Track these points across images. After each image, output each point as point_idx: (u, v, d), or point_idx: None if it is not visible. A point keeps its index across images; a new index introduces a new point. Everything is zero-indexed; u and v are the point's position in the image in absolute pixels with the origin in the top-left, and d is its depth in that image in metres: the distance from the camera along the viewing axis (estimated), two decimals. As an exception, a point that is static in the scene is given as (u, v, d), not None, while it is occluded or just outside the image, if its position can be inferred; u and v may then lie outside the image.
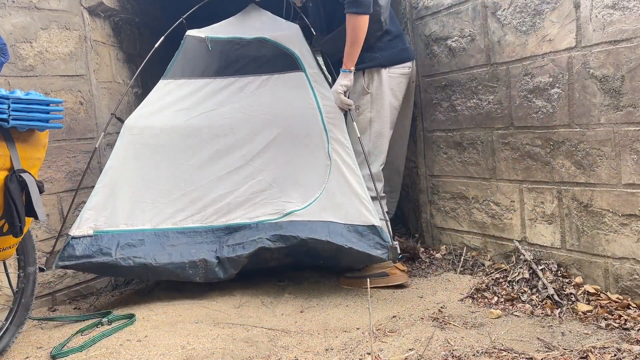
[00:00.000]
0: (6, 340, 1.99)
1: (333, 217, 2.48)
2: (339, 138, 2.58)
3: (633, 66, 1.97)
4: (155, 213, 2.58)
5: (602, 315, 1.99)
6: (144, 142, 2.63)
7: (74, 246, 2.42)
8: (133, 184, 2.58)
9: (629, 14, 1.96)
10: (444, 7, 2.71)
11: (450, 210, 2.88)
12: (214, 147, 2.68)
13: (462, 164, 2.77)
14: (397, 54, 2.69)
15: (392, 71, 2.67)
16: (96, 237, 2.48)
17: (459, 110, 2.72)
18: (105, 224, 2.51)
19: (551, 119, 2.28)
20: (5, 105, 1.70)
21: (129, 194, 2.57)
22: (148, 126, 2.66)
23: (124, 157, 2.59)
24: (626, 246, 2.08)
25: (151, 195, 2.60)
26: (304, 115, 2.66)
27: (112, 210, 2.54)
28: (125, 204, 2.56)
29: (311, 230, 2.45)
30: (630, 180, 2.04)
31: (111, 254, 2.43)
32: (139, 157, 2.62)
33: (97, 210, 2.52)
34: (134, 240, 2.50)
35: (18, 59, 2.45)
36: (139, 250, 2.47)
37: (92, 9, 2.76)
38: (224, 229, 2.60)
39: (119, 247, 2.46)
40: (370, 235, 2.39)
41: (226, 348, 1.94)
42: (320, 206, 2.53)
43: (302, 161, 2.62)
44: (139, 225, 2.55)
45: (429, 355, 1.78)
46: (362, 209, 2.45)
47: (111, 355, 1.93)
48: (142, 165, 2.61)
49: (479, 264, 2.66)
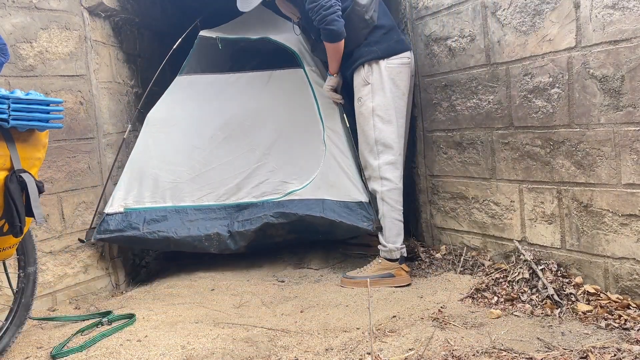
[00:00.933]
0: (6, 340, 1.99)
1: (326, 195, 2.83)
2: (333, 127, 2.94)
3: (633, 66, 1.97)
4: (175, 192, 2.95)
5: (602, 315, 1.99)
6: (163, 131, 3.00)
7: (108, 222, 2.78)
8: (155, 167, 2.95)
9: (629, 14, 1.96)
10: (444, 7, 2.71)
11: (450, 210, 2.88)
12: (225, 134, 3.02)
13: (462, 164, 2.77)
14: (393, 45, 2.74)
15: (391, 62, 2.72)
16: (126, 213, 2.85)
17: (459, 110, 2.72)
18: (133, 202, 2.89)
19: (551, 119, 2.28)
20: (5, 105, 1.70)
21: (152, 176, 2.94)
22: (166, 117, 3.02)
23: (146, 144, 2.97)
24: (626, 246, 2.08)
25: (171, 176, 2.96)
26: (303, 106, 3.01)
27: (139, 190, 2.91)
28: (149, 184, 2.93)
29: (308, 207, 2.79)
30: (630, 180, 2.04)
31: (139, 228, 2.80)
32: (159, 144, 2.98)
33: (126, 191, 2.89)
34: (157, 216, 2.87)
35: (18, 59, 2.45)
36: (162, 224, 2.84)
37: (92, 9, 2.76)
38: (235, 207, 2.96)
39: (146, 222, 2.84)
40: (358, 210, 2.74)
41: (226, 348, 1.94)
42: (315, 186, 2.87)
43: (301, 147, 2.97)
44: (162, 202, 2.93)
45: (429, 355, 1.78)
46: (351, 187, 2.81)
47: (111, 355, 1.93)
48: (162, 151, 2.97)
49: (479, 264, 2.66)
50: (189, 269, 3.14)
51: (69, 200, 2.64)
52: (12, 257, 1.99)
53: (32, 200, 1.76)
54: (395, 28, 2.83)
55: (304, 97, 3.03)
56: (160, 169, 2.95)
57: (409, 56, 2.79)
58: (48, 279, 2.58)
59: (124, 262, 2.95)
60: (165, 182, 2.95)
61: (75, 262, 2.68)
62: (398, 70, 2.74)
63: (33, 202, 1.77)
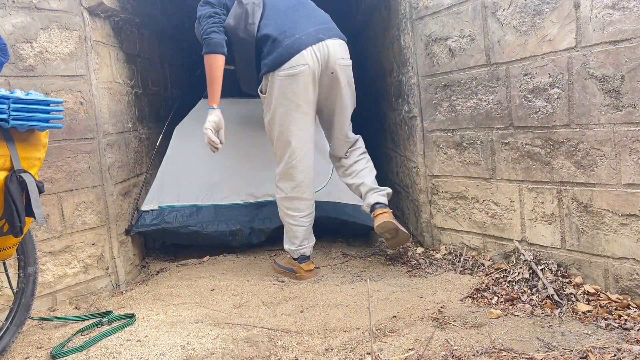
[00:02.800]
0: (6, 340, 1.99)
1: (339, 199, 3.27)
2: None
3: (633, 66, 1.97)
4: (202, 192, 3.36)
5: (602, 315, 1.99)
6: (189, 142, 3.46)
7: (144, 217, 3.20)
8: (184, 171, 3.40)
9: (629, 14, 1.96)
10: (444, 7, 2.71)
11: (450, 210, 2.88)
12: (243, 146, 3.49)
13: (462, 164, 2.77)
14: (277, 56, 2.65)
15: (280, 73, 2.65)
16: (160, 210, 3.26)
17: (459, 110, 2.72)
18: (166, 200, 3.30)
19: (551, 119, 2.28)
20: (6, 105, 1.70)
21: (182, 178, 3.38)
22: (191, 132, 3.46)
23: (175, 153, 3.46)
24: (626, 246, 2.08)
25: (199, 179, 3.40)
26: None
27: (171, 190, 3.33)
28: (180, 185, 3.35)
29: (323, 209, 3.18)
30: (630, 180, 2.04)
31: (172, 223, 3.23)
32: (187, 152, 3.45)
33: (160, 190, 3.32)
34: (187, 213, 3.29)
35: (18, 59, 2.45)
36: (192, 220, 3.26)
37: (92, 9, 2.76)
38: (255, 205, 3.39)
39: (177, 218, 3.25)
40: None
41: (226, 348, 1.94)
42: (327, 191, 3.31)
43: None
44: (192, 201, 3.33)
45: (429, 355, 1.78)
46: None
47: (111, 355, 1.93)
48: (189, 158, 3.43)
49: (479, 264, 2.66)
50: (189, 269, 3.14)
51: (69, 200, 2.64)
52: (12, 257, 1.99)
53: (33, 200, 1.76)
54: (283, 33, 2.66)
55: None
56: (188, 174, 3.39)
57: (299, 63, 2.62)
58: (48, 279, 2.58)
59: (124, 262, 2.95)
60: (193, 184, 3.37)
61: (75, 262, 2.68)
62: (289, 82, 2.65)
63: (33, 202, 1.77)
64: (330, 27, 2.76)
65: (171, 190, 3.33)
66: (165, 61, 4.15)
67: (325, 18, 2.81)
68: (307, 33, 2.66)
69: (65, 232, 2.64)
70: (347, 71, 2.77)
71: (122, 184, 3.04)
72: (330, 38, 2.69)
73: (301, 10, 2.77)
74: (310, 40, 2.64)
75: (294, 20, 2.71)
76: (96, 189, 2.77)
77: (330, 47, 2.67)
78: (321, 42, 2.65)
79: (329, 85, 2.73)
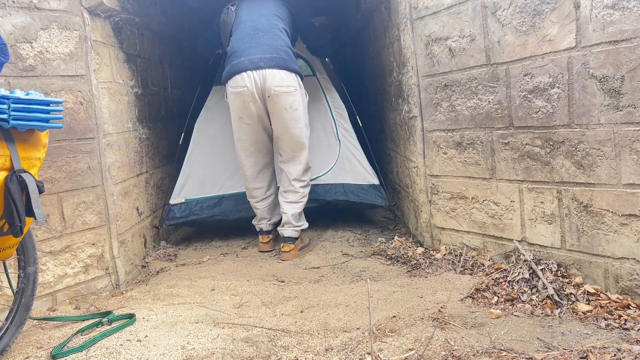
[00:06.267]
0: (6, 340, 1.99)
1: (346, 180, 3.61)
2: (344, 125, 3.72)
3: (633, 66, 1.97)
4: (223, 184, 3.67)
5: (602, 315, 1.99)
6: (209, 136, 3.74)
7: (174, 211, 3.56)
8: (206, 164, 3.68)
9: (628, 14, 1.96)
10: (444, 7, 2.71)
11: (450, 210, 2.88)
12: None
13: (462, 163, 2.77)
14: (227, 72, 3.22)
15: (228, 90, 3.22)
16: (187, 203, 3.60)
17: (459, 110, 2.73)
18: (191, 193, 3.61)
19: (551, 119, 2.28)
20: (6, 105, 1.70)
21: (205, 171, 3.67)
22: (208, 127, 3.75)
23: (195, 147, 3.69)
24: (626, 246, 2.08)
25: (220, 171, 3.70)
26: (318, 109, 3.70)
27: (194, 184, 3.63)
28: (203, 178, 3.65)
29: (333, 192, 3.58)
30: (630, 180, 2.04)
31: (199, 214, 3.57)
32: (207, 146, 3.72)
33: (185, 185, 3.62)
34: (212, 203, 3.62)
35: (18, 59, 2.45)
36: (217, 209, 3.62)
37: (92, 9, 2.76)
38: None
39: (203, 208, 3.59)
40: (373, 191, 3.57)
41: (226, 348, 1.94)
42: (335, 173, 3.63)
43: (318, 141, 3.65)
44: (215, 192, 3.65)
45: (429, 355, 1.78)
46: (364, 173, 3.63)
47: (111, 355, 1.93)
48: (210, 151, 3.72)
49: (479, 264, 2.66)
50: (189, 269, 3.14)
51: (69, 200, 2.64)
52: (12, 257, 1.99)
53: (33, 200, 1.76)
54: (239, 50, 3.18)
55: (318, 100, 3.72)
56: (210, 167, 3.67)
57: (239, 84, 3.13)
58: (48, 279, 2.58)
59: (124, 262, 2.95)
60: (214, 176, 3.66)
61: (75, 262, 2.68)
62: (232, 98, 3.21)
63: (34, 202, 1.77)
64: (275, 57, 3.15)
65: (195, 183, 3.63)
66: (165, 61, 4.15)
67: (276, 49, 3.18)
68: (251, 59, 3.13)
69: (65, 232, 2.64)
70: (286, 97, 3.16)
71: (122, 184, 3.04)
72: (269, 68, 3.11)
73: (259, 38, 3.20)
74: (251, 65, 3.12)
75: (247, 45, 3.20)
76: (96, 189, 2.76)
77: (268, 75, 3.11)
78: (260, 70, 3.11)
79: (271, 108, 3.19)
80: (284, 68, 3.16)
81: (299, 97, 3.20)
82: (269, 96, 3.13)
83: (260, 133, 3.32)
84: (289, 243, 3.28)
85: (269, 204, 3.46)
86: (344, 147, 3.66)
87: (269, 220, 3.47)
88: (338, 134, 3.67)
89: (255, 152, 3.36)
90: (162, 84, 4.05)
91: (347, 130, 3.71)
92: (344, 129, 3.70)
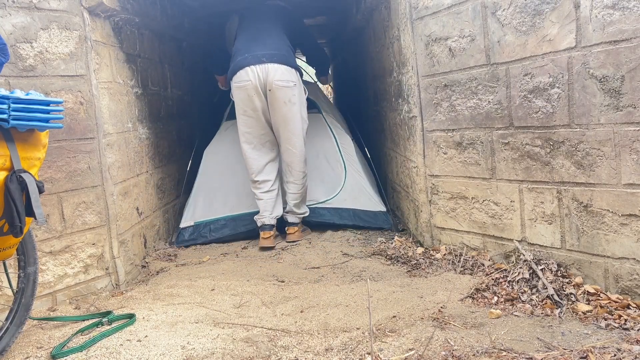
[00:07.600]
0: (6, 340, 1.99)
1: (354, 206, 3.75)
2: (351, 155, 3.97)
3: (633, 66, 1.97)
4: (228, 205, 3.83)
5: (602, 315, 1.99)
6: (217, 162, 3.95)
7: (183, 234, 3.74)
8: (215, 188, 3.86)
9: (629, 14, 1.96)
10: (444, 7, 2.71)
11: (450, 210, 2.88)
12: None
13: (462, 163, 2.77)
14: (232, 69, 3.43)
15: (234, 85, 3.42)
16: (196, 226, 3.76)
17: (459, 110, 2.72)
18: (200, 216, 3.78)
19: (551, 119, 2.28)
20: (6, 105, 1.70)
21: (212, 196, 3.84)
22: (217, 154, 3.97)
23: (205, 172, 3.91)
24: (626, 246, 2.08)
25: (225, 194, 3.85)
26: (323, 140, 4.01)
27: (202, 207, 3.81)
28: (212, 200, 3.82)
29: (341, 216, 3.75)
30: (630, 180, 2.04)
31: (207, 236, 3.73)
32: (216, 171, 3.92)
33: (194, 208, 3.81)
34: (219, 225, 3.76)
35: (18, 59, 2.45)
36: (224, 231, 3.75)
37: (92, 9, 2.76)
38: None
39: (211, 230, 3.75)
40: (380, 216, 3.73)
41: (226, 348, 1.94)
42: (342, 198, 3.80)
43: (324, 169, 3.93)
44: (220, 214, 3.80)
45: (429, 355, 1.78)
46: (372, 201, 3.78)
47: (111, 355, 1.93)
48: (219, 176, 3.90)
49: (479, 264, 2.66)
50: (189, 269, 3.14)
51: (69, 200, 2.64)
52: (12, 257, 1.99)
53: (33, 200, 1.76)
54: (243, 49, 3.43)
55: (324, 134, 4.03)
56: (218, 190, 3.84)
57: (243, 78, 3.34)
58: (48, 279, 2.58)
59: (124, 262, 2.95)
60: (223, 198, 3.83)
61: (75, 262, 2.68)
62: (237, 93, 3.42)
63: (34, 202, 1.77)
64: (276, 54, 3.38)
65: (204, 207, 3.81)
66: (165, 61, 4.15)
67: (277, 46, 3.44)
68: (254, 55, 3.36)
69: (65, 232, 2.64)
70: (286, 91, 3.37)
71: (122, 184, 3.04)
72: (272, 62, 3.33)
73: (261, 38, 3.46)
74: (254, 61, 3.34)
75: (250, 43, 3.45)
76: (96, 189, 2.76)
77: (270, 69, 3.32)
78: (263, 64, 3.32)
79: (271, 101, 3.38)
80: (285, 63, 3.37)
81: (297, 92, 3.42)
82: (270, 89, 3.32)
83: (264, 126, 3.50)
84: (293, 226, 3.64)
85: (273, 196, 3.61)
86: (350, 175, 3.88)
87: (271, 213, 3.57)
88: (344, 163, 3.92)
89: (259, 145, 3.55)
90: (162, 84, 4.05)
91: (353, 159, 3.95)
92: (349, 156, 3.96)
